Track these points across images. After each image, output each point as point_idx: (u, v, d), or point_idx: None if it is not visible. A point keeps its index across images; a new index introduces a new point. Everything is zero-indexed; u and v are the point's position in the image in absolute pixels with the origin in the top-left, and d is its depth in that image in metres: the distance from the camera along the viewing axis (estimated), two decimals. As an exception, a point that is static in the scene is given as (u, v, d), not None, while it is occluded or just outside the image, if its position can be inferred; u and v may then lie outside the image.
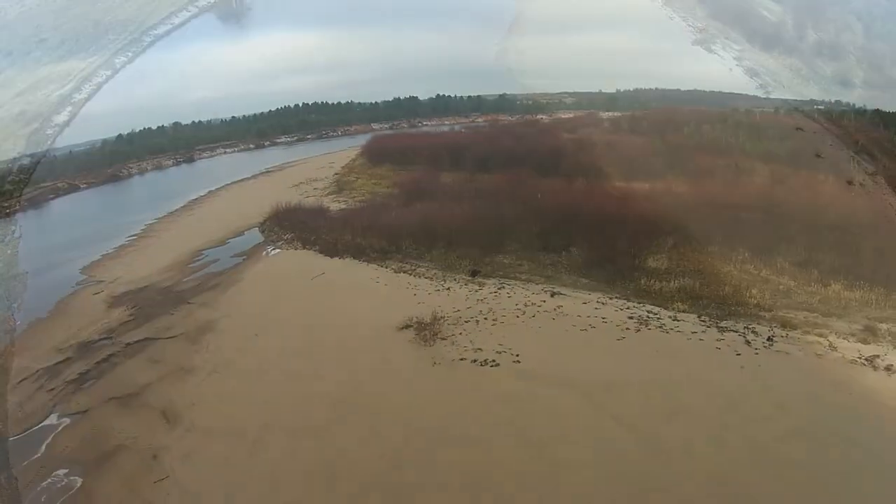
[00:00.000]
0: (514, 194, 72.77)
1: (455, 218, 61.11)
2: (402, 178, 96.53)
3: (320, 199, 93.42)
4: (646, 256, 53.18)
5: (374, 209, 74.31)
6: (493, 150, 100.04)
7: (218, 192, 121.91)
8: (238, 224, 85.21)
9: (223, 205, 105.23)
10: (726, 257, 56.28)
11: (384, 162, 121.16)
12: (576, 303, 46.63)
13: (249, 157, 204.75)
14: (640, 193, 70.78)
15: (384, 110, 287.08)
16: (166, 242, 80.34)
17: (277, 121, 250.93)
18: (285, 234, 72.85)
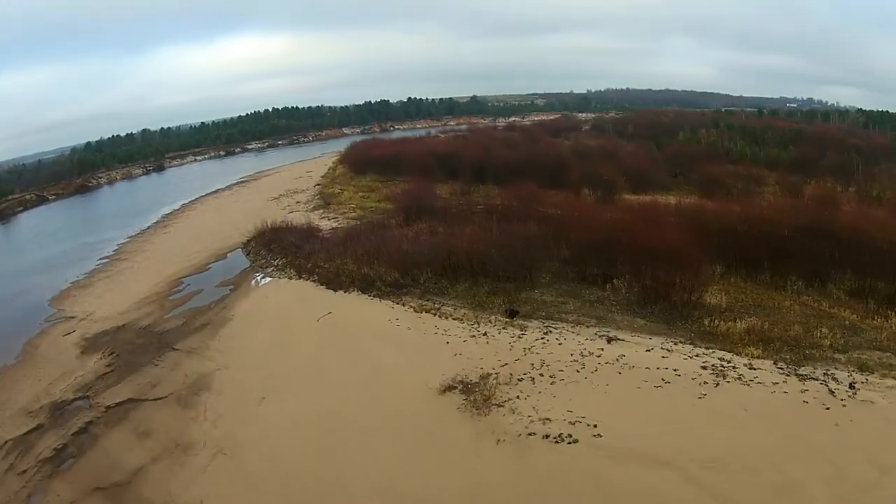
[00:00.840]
0: (528, 212, 65.62)
1: (474, 243, 53.19)
2: (395, 191, 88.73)
3: (306, 215, 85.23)
4: (701, 289, 46.05)
5: (372, 230, 66.14)
6: (487, 160, 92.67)
7: (192, 206, 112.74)
8: (218, 245, 76.88)
9: (199, 221, 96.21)
10: (779, 286, 50.31)
11: (367, 171, 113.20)
12: (638, 351, 39.11)
13: (220, 164, 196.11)
14: (668, 210, 64.14)
15: (355, 114, 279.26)
16: (141, 267, 71.73)
17: (247, 126, 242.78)
18: (275, 259, 64.33)
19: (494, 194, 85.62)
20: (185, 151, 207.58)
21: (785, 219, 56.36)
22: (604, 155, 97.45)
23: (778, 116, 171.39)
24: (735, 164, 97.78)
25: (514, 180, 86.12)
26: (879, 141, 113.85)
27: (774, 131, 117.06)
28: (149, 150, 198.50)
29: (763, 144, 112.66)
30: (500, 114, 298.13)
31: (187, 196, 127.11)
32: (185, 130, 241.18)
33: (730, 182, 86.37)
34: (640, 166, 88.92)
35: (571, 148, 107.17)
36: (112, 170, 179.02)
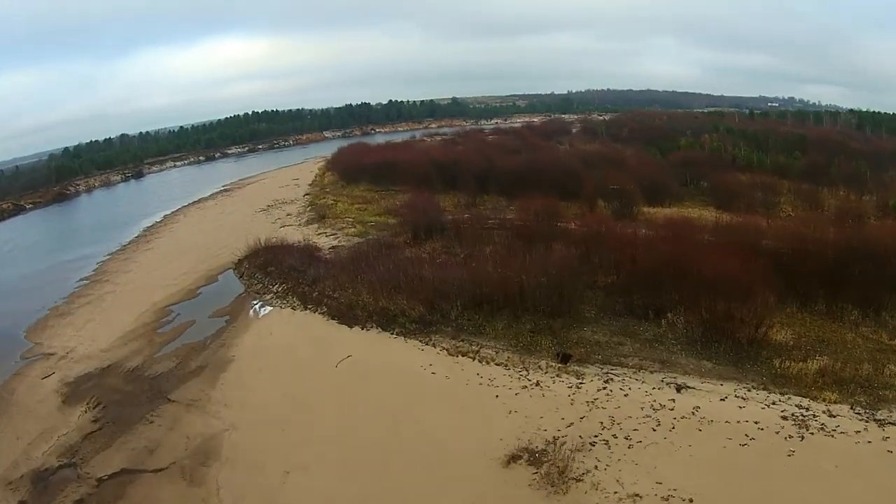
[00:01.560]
0: (552, 230, 60.01)
1: (506, 270, 47.24)
2: (394, 203, 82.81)
3: (301, 231, 78.81)
4: (765, 324, 40.70)
5: (380, 251, 59.96)
6: (490, 168, 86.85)
7: (175, 218, 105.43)
8: (207, 264, 70.34)
9: (184, 235, 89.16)
10: (835, 316, 45.06)
11: (360, 179, 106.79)
12: (712, 400, 33.64)
13: (200, 171, 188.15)
14: (704, 227, 58.82)
15: (336, 117, 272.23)
16: (125, 292, 64.92)
17: (227, 130, 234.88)
18: (274, 285, 57.79)
19: (502, 206, 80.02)
20: (164, 157, 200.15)
21: (832, 239, 51.52)
22: (611, 163, 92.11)
23: (770, 118, 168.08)
24: (743, 172, 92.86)
25: (520, 190, 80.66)
26: (884, 146, 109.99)
27: (777, 136, 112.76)
28: (127, 155, 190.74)
29: (767, 150, 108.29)
30: (482, 115, 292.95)
31: (169, 206, 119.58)
32: (165, 135, 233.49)
33: (747, 192, 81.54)
34: (653, 176, 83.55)
35: (576, 154, 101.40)
36: (90, 176, 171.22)
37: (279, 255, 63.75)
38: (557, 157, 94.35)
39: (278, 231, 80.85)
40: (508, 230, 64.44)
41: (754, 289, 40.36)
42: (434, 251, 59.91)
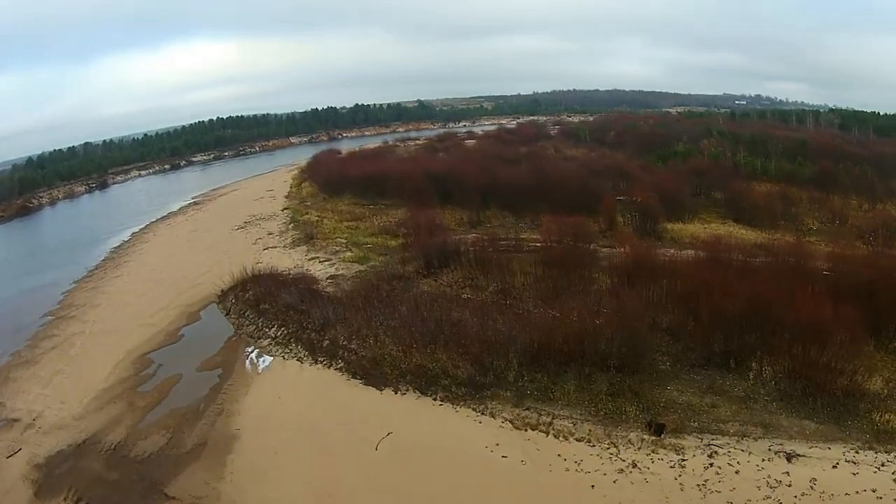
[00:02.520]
0: (585, 256, 52.97)
1: (557, 310, 39.88)
2: (392, 221, 75.21)
3: (289, 254, 70.42)
4: (863, 372, 34.29)
5: (390, 284, 52.32)
6: (493, 181, 79.43)
7: (144, 237, 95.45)
8: (186, 296, 61.82)
9: (156, 258, 79.78)
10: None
11: (342, 192, 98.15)
12: (825, 468, 27.48)
13: (166, 181, 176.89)
14: (749, 250, 52.41)
15: (301, 122, 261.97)
16: (95, 333, 56.08)
17: (192, 138, 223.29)
18: (270, 327, 49.31)
19: (510, 224, 72.83)
20: (128, 166, 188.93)
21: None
22: (618, 173, 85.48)
23: (751, 119, 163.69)
24: (749, 180, 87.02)
25: (526, 205, 73.75)
26: (883, 149, 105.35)
27: (775, 141, 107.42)
28: (91, 165, 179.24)
29: (767, 155, 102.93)
30: (449, 118, 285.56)
31: (136, 221, 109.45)
32: (129, 143, 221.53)
33: (766, 204, 75.77)
34: (670, 188, 76.93)
35: (579, 164, 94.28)
36: (54, 188, 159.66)
37: (271, 287, 55.27)
38: (563, 168, 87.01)
39: (262, 254, 72.59)
40: (528, 253, 57.44)
41: (845, 330, 34.01)
42: (454, 283, 52.24)
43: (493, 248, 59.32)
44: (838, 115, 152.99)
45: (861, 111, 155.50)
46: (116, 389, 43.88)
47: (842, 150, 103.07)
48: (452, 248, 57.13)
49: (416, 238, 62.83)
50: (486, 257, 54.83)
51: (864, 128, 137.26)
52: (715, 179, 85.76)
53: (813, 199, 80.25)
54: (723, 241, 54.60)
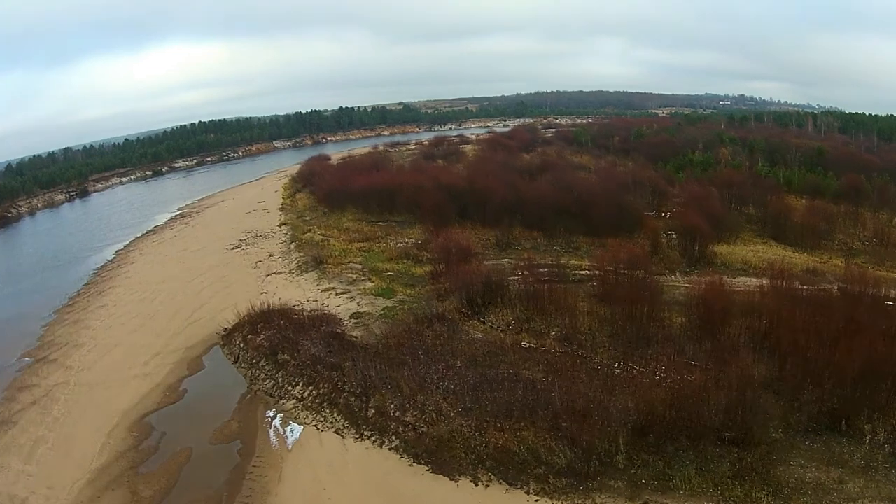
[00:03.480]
0: (646, 291, 45.04)
1: (643, 367, 31.89)
2: (408, 241, 66.83)
3: (298, 282, 61.64)
4: None
5: (433, 328, 43.81)
6: (518, 198, 71.29)
7: (129, 256, 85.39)
8: (184, 336, 53.50)
9: (144, 284, 70.31)
10: None
11: (344, 205, 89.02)
12: None
13: (148, 189, 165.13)
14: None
15: (286, 126, 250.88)
16: (81, 386, 47.00)
17: (174, 143, 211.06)
18: (294, 385, 40.40)
19: (542, 246, 64.84)
20: (109, 172, 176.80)
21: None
22: (647, 186, 77.74)
23: (750, 122, 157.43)
24: (775, 193, 79.43)
25: (558, 223, 65.76)
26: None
27: (792, 149, 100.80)
28: (71, 172, 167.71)
29: (785, 165, 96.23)
30: (435, 121, 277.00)
31: (120, 235, 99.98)
32: (109, 148, 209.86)
33: (808, 222, 68.66)
34: (709, 204, 69.37)
35: (606, 176, 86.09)
36: (33, 196, 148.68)
37: (287, 330, 46.45)
38: (589, 182, 79.00)
39: (265, 282, 63.72)
40: (576, 283, 50.36)
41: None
42: (507, 326, 43.96)
43: (533, 276, 51.30)
44: (838, 118, 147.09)
45: (858, 114, 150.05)
46: (114, 469, 34.79)
47: (859, 160, 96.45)
48: (497, 283, 48.59)
49: (446, 266, 54.43)
50: (537, 292, 46.43)
51: (861, 131, 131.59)
52: (747, 193, 78.42)
53: (847, 214, 73.44)
54: (781, 269, 47.40)
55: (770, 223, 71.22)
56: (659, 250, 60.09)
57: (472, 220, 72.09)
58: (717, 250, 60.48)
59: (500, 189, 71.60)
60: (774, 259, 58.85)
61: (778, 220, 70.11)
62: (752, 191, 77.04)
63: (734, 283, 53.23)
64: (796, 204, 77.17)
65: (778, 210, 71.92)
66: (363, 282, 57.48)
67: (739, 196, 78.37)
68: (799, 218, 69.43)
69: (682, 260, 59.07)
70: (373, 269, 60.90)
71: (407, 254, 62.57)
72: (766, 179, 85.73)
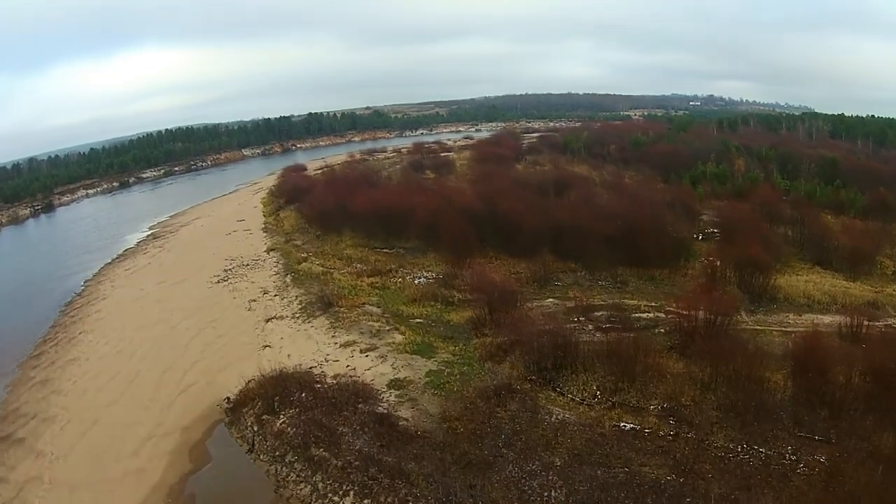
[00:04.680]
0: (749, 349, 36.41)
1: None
2: (430, 276, 57.23)
3: (307, 332, 51.33)
4: None
5: (509, 407, 34.41)
6: (549, 222, 61.89)
7: (99, 288, 73.75)
8: (177, 408, 44.17)
9: (120, 330, 59.26)
10: None
11: (339, 227, 78.30)
12: None
13: (115, 203, 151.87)
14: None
15: (254, 133, 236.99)
16: (59, 488, 36.01)
17: (141, 152, 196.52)
18: (343, 495, 30.43)
19: (586, 282, 55.69)
20: (75, 185, 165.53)
21: None
22: (682, 206, 69.16)
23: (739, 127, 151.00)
24: (800, 208, 71.65)
25: (596, 253, 56.75)
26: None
27: (801, 159, 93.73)
28: (36, 185, 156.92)
29: (797, 176, 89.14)
30: (406, 126, 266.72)
31: (88, 260, 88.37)
32: (75, 158, 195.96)
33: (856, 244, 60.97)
34: (757, 229, 61.15)
35: (635, 194, 76.36)
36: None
37: (314, 409, 36.67)
38: (615, 202, 69.95)
39: (266, 330, 53.23)
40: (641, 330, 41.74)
41: None
42: (593, 399, 34.60)
43: (593, 323, 42.40)
44: (828, 122, 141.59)
45: (848, 116, 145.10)
46: None
47: (873, 171, 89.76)
48: (569, 341, 39.18)
49: (489, 311, 44.98)
50: (617, 349, 37.17)
51: (852, 135, 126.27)
52: (780, 211, 70.77)
53: (883, 233, 66.23)
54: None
55: (809, 245, 63.36)
56: (718, 283, 51.47)
57: (495, 247, 62.59)
58: (781, 283, 52.21)
59: (527, 212, 61.98)
60: (833, 291, 51.40)
61: (820, 243, 62.24)
62: (794, 210, 69.10)
63: (801, 320, 46.17)
64: (837, 223, 69.68)
65: (819, 231, 64.06)
66: (389, 333, 47.35)
67: (771, 214, 70.38)
68: (842, 239, 61.64)
69: (744, 296, 50.54)
70: (395, 313, 50.86)
71: (434, 294, 52.58)
72: (790, 195, 78.29)
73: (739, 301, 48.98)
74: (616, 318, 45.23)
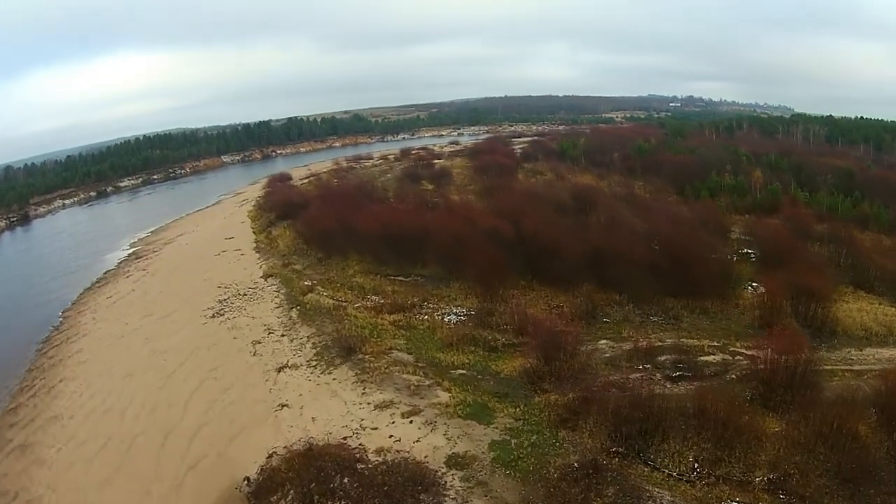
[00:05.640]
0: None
1: None
2: (475, 314, 50.42)
3: (329, 386, 43.52)
4: None
5: (600, 490, 27.75)
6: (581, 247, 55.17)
7: (79, 322, 65.68)
8: (188, 493, 35.51)
9: (105, 384, 50.47)
10: None
11: (344, 248, 70.50)
12: None
13: (92, 214, 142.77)
14: None
15: (233, 139, 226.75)
16: None
17: (118, 160, 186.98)
18: None
19: (634, 317, 49.02)
20: (51, 194, 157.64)
21: None
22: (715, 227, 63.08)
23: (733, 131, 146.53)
24: (844, 228, 66.09)
25: (642, 283, 50.37)
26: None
27: (817, 170, 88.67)
28: (12, 195, 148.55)
29: (814, 188, 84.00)
30: (387, 131, 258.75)
31: (65, 285, 79.65)
32: (52, 166, 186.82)
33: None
34: (801, 252, 55.44)
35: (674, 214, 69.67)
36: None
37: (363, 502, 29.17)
38: (653, 221, 63.36)
39: (278, 382, 44.61)
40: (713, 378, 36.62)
41: None
42: (692, 475, 28.04)
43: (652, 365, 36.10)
44: (824, 125, 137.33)
45: (844, 118, 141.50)
46: None
47: (888, 181, 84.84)
48: (644, 393, 32.71)
49: (545, 359, 38.23)
50: (708, 410, 30.65)
51: (850, 138, 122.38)
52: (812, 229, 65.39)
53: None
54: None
55: (846, 266, 57.92)
56: (778, 317, 45.40)
57: (524, 274, 55.82)
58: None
59: (559, 234, 55.19)
60: (887, 320, 45.96)
61: (858, 264, 56.76)
62: (830, 227, 63.73)
63: (863, 356, 41.14)
64: (871, 240, 64.56)
65: (860, 251, 58.67)
66: (431, 389, 39.97)
67: (803, 232, 64.95)
68: (879, 259, 56.22)
69: (805, 331, 44.51)
70: (431, 362, 43.45)
71: (472, 337, 45.25)
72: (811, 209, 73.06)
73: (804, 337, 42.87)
74: (683, 363, 39.09)
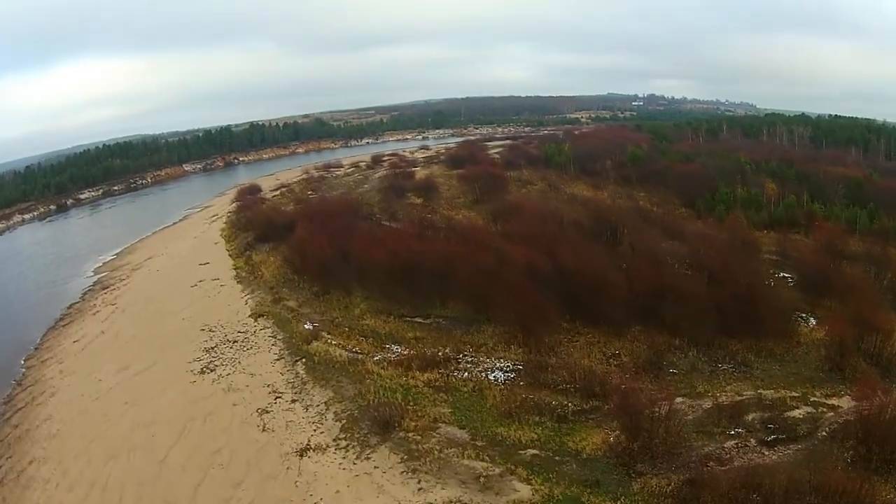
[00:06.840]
0: None
1: None
2: (524, 370, 42.80)
3: (374, 482, 34.42)
4: None
5: None
6: (629, 284, 48.18)
7: (45, 376, 56.91)
8: None
9: (82, 476, 40.30)
10: None
11: (346, 281, 61.00)
12: None
13: (53, 232, 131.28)
14: None
15: (194, 146, 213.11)
16: None
17: (78, 171, 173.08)
18: None
19: (702, 368, 42.05)
20: (10, 209, 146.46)
21: None
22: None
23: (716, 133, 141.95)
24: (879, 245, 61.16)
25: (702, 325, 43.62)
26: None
27: (827, 179, 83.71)
28: None
29: (826, 199, 79.06)
30: (351, 135, 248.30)
31: (26, 322, 69.26)
32: (10, 177, 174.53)
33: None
34: (852, 281, 49.81)
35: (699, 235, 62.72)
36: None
37: None
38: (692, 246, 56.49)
39: (305, 472, 34.68)
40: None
41: None
42: None
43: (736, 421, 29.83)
44: (808, 126, 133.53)
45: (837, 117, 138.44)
46: None
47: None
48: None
49: (631, 433, 31.04)
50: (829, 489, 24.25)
51: (834, 140, 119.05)
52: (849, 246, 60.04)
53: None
54: None
55: (885, 288, 52.85)
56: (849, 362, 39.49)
57: (564, 314, 48.27)
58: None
59: (607, 269, 47.71)
60: None
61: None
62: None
63: None
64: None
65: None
66: (505, 480, 31.70)
67: (837, 251, 59.61)
68: None
69: (874, 370, 38.76)
70: (492, 440, 35.12)
71: (534, 404, 37.34)
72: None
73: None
74: (772, 422, 33.17)
